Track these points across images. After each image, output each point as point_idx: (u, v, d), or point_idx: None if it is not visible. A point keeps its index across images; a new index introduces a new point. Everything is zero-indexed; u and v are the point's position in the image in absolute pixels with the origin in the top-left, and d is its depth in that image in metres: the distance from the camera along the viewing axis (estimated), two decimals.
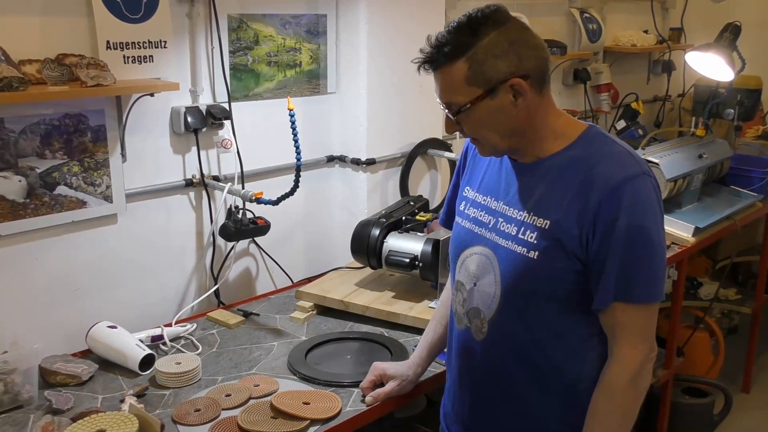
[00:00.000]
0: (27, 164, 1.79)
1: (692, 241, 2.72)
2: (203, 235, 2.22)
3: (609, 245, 1.28)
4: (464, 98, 1.31)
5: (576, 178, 1.33)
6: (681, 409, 3.09)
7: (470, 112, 1.32)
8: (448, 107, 1.35)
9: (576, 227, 1.30)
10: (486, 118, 1.33)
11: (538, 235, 1.34)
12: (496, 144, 1.37)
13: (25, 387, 1.65)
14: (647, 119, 3.96)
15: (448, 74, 1.31)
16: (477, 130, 1.36)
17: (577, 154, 1.36)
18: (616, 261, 1.28)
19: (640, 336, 1.33)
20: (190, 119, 2.07)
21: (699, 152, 3.03)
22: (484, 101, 1.31)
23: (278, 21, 2.28)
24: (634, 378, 1.33)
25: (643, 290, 1.31)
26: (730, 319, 3.95)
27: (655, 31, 3.90)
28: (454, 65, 1.30)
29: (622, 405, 1.34)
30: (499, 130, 1.35)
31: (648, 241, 1.29)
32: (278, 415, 1.58)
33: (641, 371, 1.33)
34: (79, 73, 1.74)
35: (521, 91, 1.30)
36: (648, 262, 1.30)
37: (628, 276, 1.29)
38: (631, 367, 1.32)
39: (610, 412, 1.34)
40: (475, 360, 1.48)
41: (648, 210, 1.30)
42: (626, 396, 1.34)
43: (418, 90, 2.59)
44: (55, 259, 1.90)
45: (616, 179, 1.29)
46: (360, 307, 2.09)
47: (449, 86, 1.32)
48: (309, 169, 2.45)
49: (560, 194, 1.33)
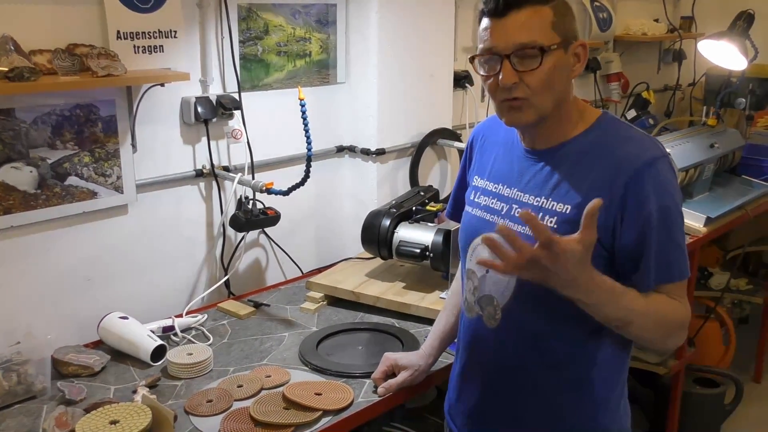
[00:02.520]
0: (38, 155, 1.79)
1: (704, 231, 2.71)
2: (213, 225, 2.22)
3: (643, 229, 1.28)
4: (549, 40, 1.28)
5: (597, 162, 1.32)
6: (692, 399, 3.09)
7: (548, 58, 1.28)
8: (524, 48, 1.27)
9: (601, 210, 1.26)
10: (554, 71, 1.29)
11: (559, 220, 1.32)
12: (545, 107, 1.32)
13: (38, 378, 1.65)
14: (658, 109, 3.93)
15: (535, 14, 1.28)
16: (541, 83, 1.29)
17: (596, 139, 1.35)
18: (653, 244, 1.28)
19: (682, 303, 1.33)
20: (200, 109, 2.07)
21: (710, 142, 3.01)
22: (560, 51, 1.30)
23: (288, 10, 2.27)
24: (682, 325, 1.33)
25: (680, 269, 1.31)
26: (741, 309, 3.92)
27: (666, 20, 3.87)
28: (543, 8, 1.28)
29: (666, 319, 1.31)
30: (557, 89, 1.32)
31: (675, 222, 1.31)
32: (290, 405, 1.58)
33: (683, 327, 1.33)
34: (90, 63, 1.73)
35: (582, 56, 1.33)
36: (678, 241, 1.31)
37: (665, 258, 1.29)
38: (684, 314, 1.33)
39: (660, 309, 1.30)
40: (487, 348, 1.47)
41: (672, 190, 1.31)
42: (675, 320, 1.32)
43: (428, 80, 2.58)
44: (67, 250, 1.90)
45: (639, 162, 1.29)
46: (371, 298, 2.09)
47: (536, 25, 1.27)
48: (319, 159, 2.44)
49: (581, 179, 1.32)
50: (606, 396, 1.43)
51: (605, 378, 1.42)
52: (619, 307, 1.26)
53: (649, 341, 1.34)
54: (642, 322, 1.29)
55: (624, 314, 1.27)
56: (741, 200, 2.97)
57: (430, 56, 2.58)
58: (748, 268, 3.98)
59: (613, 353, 1.40)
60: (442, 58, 2.64)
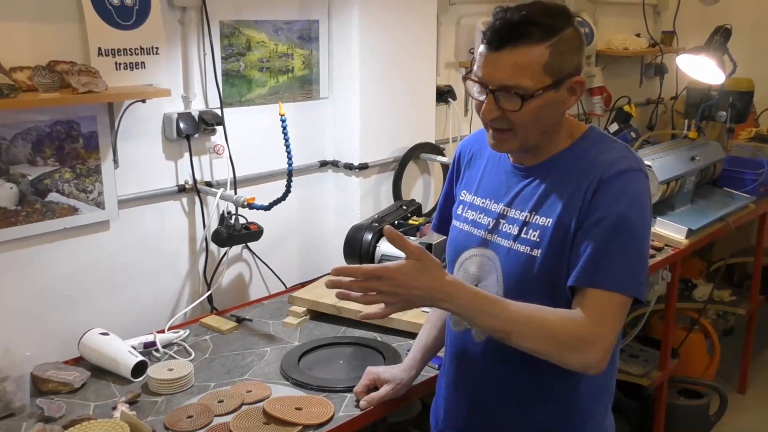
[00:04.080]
0: (18, 171, 1.79)
1: (685, 242, 2.73)
2: (196, 240, 2.22)
3: (590, 229, 1.28)
4: (535, 84, 1.25)
5: (576, 173, 1.33)
6: (677, 410, 3.10)
7: (533, 101, 1.26)
8: (507, 90, 1.26)
9: (574, 215, 1.30)
10: (541, 110, 1.28)
11: (541, 233, 1.33)
12: (530, 139, 1.33)
13: (17, 395, 1.64)
14: (640, 122, 3.97)
15: (529, 54, 1.24)
16: (526, 122, 1.29)
17: (579, 153, 1.36)
18: (595, 245, 1.26)
19: (600, 317, 1.26)
20: (182, 125, 2.08)
21: (691, 154, 3.04)
22: (550, 92, 1.27)
23: (270, 27, 2.28)
24: (580, 338, 1.24)
25: (614, 279, 1.26)
26: (725, 321, 3.95)
27: (648, 35, 3.91)
28: (538, 47, 1.24)
29: (552, 330, 1.25)
30: (544, 124, 1.32)
31: (630, 233, 1.28)
32: (271, 420, 1.57)
33: (586, 342, 1.24)
34: (71, 80, 1.74)
35: (578, 91, 1.31)
36: (626, 252, 1.27)
37: (601, 261, 1.26)
38: (585, 328, 1.24)
39: (545, 319, 1.26)
40: (474, 362, 1.47)
41: (635, 203, 1.29)
42: (565, 332, 1.24)
43: (410, 94, 2.59)
44: (47, 266, 1.90)
45: (611, 170, 1.30)
46: (353, 312, 2.09)
47: (523, 68, 1.25)
48: (302, 174, 2.45)
49: (561, 191, 1.34)
50: (592, 409, 1.44)
51: (591, 391, 1.42)
52: (493, 314, 1.26)
53: (544, 354, 1.27)
54: (521, 331, 1.26)
55: (499, 323, 1.26)
56: (722, 212, 2.99)
57: (412, 71, 2.60)
58: (733, 279, 4.01)
59: None
60: (424, 73, 2.66)
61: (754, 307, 3.58)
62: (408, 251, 1.24)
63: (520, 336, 1.27)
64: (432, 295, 1.25)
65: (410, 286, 1.24)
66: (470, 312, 1.27)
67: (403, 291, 1.24)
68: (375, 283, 1.24)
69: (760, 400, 3.61)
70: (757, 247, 3.55)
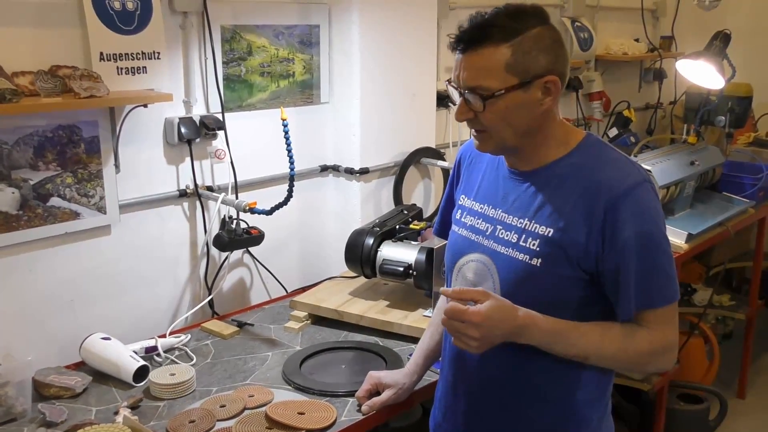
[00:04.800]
0: (20, 176, 1.79)
1: (685, 247, 2.73)
2: (197, 245, 2.22)
3: (622, 256, 1.29)
4: (498, 84, 1.28)
5: (579, 185, 1.33)
6: (676, 415, 3.10)
7: (498, 101, 1.29)
8: (473, 91, 1.30)
9: (583, 235, 1.30)
10: (510, 110, 1.30)
11: (541, 242, 1.34)
12: (506, 140, 1.35)
13: (18, 400, 1.64)
14: (639, 127, 3.98)
15: (487, 56, 1.28)
16: (495, 122, 1.32)
17: (578, 162, 1.36)
18: (632, 271, 1.29)
19: (663, 331, 1.34)
20: (183, 130, 2.08)
21: (691, 159, 3.05)
22: (516, 92, 1.29)
23: (271, 32, 2.29)
24: (653, 353, 1.33)
25: (662, 294, 1.32)
26: (725, 325, 3.95)
27: (646, 40, 3.93)
28: (498, 48, 1.27)
29: (625, 350, 1.33)
30: (517, 125, 1.33)
31: (658, 247, 1.31)
32: (273, 425, 1.57)
33: (658, 354, 1.34)
34: (73, 85, 1.74)
35: (552, 90, 1.31)
36: (661, 266, 1.31)
37: (645, 284, 1.30)
38: (654, 342, 1.33)
39: (617, 340, 1.33)
40: (471, 368, 1.47)
41: (653, 216, 1.31)
42: (638, 352, 1.33)
43: (411, 99, 2.60)
44: (49, 271, 1.89)
45: (620, 188, 1.30)
46: (354, 317, 2.09)
47: (485, 69, 1.28)
48: (303, 179, 2.45)
49: (563, 202, 1.34)
50: (589, 415, 1.44)
51: (589, 398, 1.42)
52: (569, 344, 1.32)
53: (624, 369, 1.37)
54: (600, 355, 1.34)
55: (576, 351, 1.33)
56: (722, 217, 3.00)
57: (413, 76, 2.60)
58: (732, 283, 4.01)
59: (596, 374, 1.41)
60: (425, 78, 2.66)
61: (754, 312, 3.59)
62: (482, 296, 1.29)
63: (598, 359, 1.35)
64: (510, 333, 1.30)
65: (494, 326, 1.28)
66: (548, 345, 1.33)
67: (487, 330, 1.28)
68: (462, 326, 1.28)
69: (760, 404, 3.61)
70: (756, 252, 3.56)
